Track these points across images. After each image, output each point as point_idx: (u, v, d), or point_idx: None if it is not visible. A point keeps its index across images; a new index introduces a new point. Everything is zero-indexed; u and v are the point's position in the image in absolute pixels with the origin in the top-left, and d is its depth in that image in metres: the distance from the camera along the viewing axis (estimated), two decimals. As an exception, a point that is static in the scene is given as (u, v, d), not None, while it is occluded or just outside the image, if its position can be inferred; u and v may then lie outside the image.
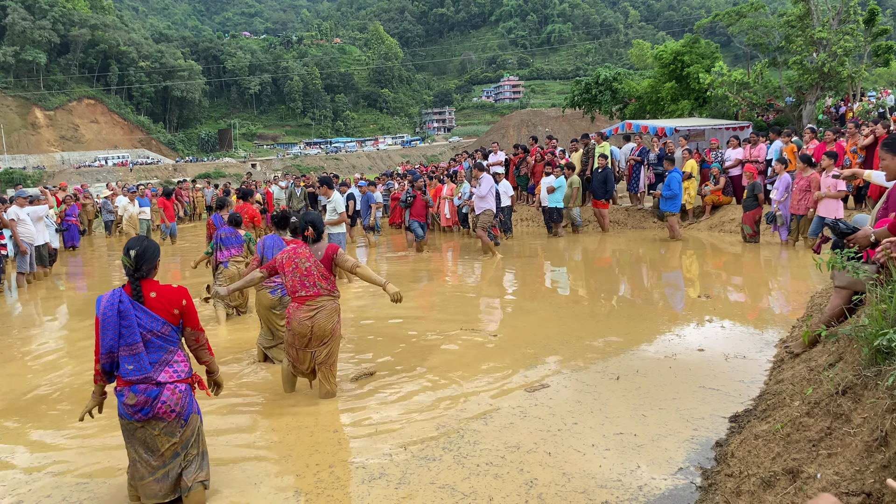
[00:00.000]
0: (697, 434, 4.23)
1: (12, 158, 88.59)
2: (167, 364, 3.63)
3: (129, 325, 3.54)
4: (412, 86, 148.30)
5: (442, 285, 10.31)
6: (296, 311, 5.17)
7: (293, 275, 5.19)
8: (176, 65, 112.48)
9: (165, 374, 3.61)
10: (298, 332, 5.15)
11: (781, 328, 6.45)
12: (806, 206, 10.76)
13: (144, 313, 3.58)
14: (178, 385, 3.64)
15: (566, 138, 21.12)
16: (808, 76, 20.67)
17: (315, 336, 5.16)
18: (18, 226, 11.88)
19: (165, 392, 3.59)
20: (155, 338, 3.60)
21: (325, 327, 5.16)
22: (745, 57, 29.57)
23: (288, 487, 3.88)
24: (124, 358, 3.56)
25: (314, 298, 5.17)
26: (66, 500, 3.92)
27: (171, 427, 3.64)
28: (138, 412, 3.56)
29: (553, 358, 6.02)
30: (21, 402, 5.76)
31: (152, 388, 3.57)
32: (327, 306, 5.21)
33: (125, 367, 3.56)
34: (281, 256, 5.30)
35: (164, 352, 3.63)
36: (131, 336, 3.54)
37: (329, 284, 5.24)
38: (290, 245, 5.45)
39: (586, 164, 15.66)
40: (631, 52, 34.01)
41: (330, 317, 5.21)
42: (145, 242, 3.71)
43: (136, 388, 3.55)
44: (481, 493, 3.64)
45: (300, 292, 5.18)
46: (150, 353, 3.59)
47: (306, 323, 5.12)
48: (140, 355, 3.55)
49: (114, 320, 3.55)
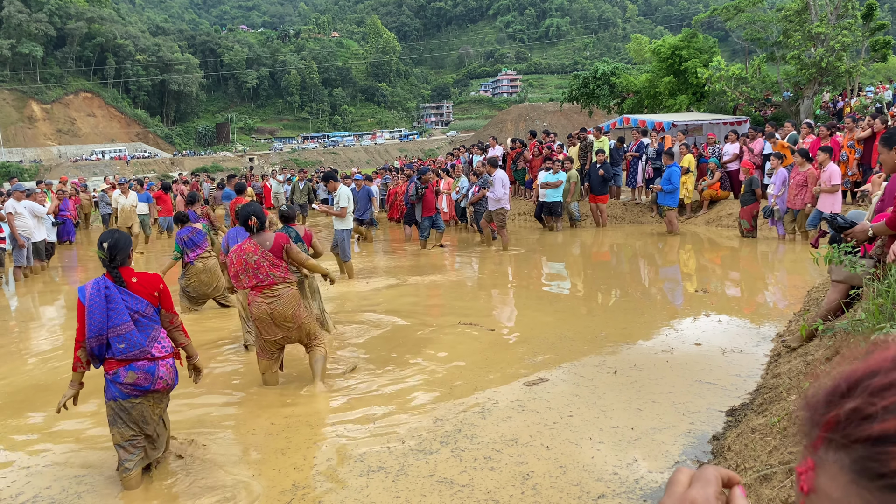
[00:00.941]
0: (694, 428, 4.24)
1: (9, 152, 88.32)
2: (155, 340, 3.91)
3: (116, 307, 3.78)
4: (410, 80, 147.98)
5: (440, 279, 10.31)
6: (254, 298, 5.33)
7: (245, 271, 5.30)
8: (173, 58, 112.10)
9: (156, 349, 3.89)
10: (259, 317, 5.31)
11: (778, 323, 6.47)
12: (803, 200, 10.77)
13: (129, 296, 3.85)
14: (168, 360, 3.95)
15: (564, 133, 21.10)
16: (805, 71, 20.69)
17: (275, 321, 5.30)
18: (16, 219, 11.86)
19: (161, 368, 3.88)
20: (141, 317, 3.87)
21: (284, 313, 5.30)
22: (743, 52, 29.58)
23: (286, 480, 3.89)
24: (114, 339, 3.77)
25: (270, 287, 5.29)
26: (64, 490, 3.93)
27: (161, 396, 4.00)
28: (137, 388, 3.81)
29: (551, 352, 6.02)
30: (19, 395, 5.76)
31: (149, 364, 3.83)
32: (284, 294, 5.32)
33: (117, 347, 3.77)
34: (230, 258, 5.44)
35: (151, 329, 3.91)
36: (119, 318, 3.78)
37: (282, 272, 5.34)
38: (238, 244, 5.51)
39: (584, 159, 15.66)
40: (629, 47, 33.96)
41: (288, 303, 5.32)
42: (116, 234, 3.94)
43: (133, 366, 3.79)
44: (479, 486, 3.66)
45: (254, 283, 5.31)
46: (141, 331, 3.85)
47: (265, 309, 5.28)
48: (131, 333, 3.80)
49: (101, 305, 3.76)
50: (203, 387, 5.63)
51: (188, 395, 5.37)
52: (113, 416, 3.85)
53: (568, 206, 14.87)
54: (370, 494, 3.65)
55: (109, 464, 4.24)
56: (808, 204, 10.71)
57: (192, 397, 5.38)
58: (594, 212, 14.85)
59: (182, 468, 4.14)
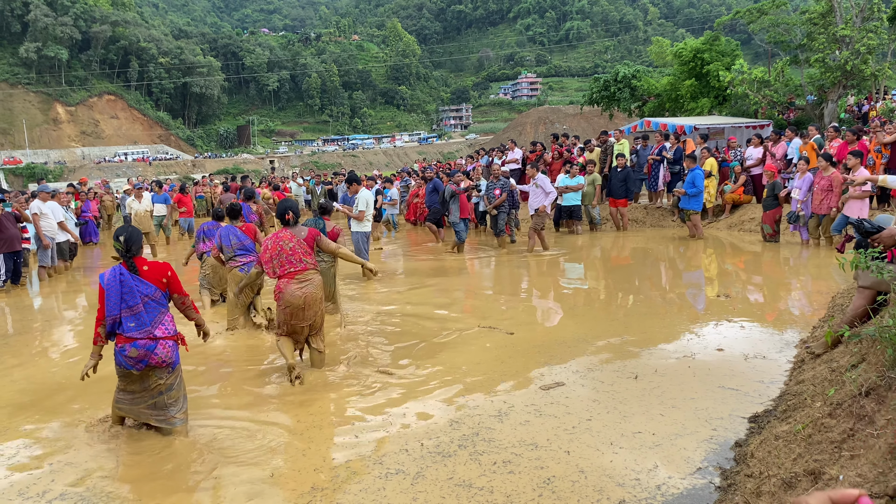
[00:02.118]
0: (716, 434, 4.19)
1: (34, 153, 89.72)
2: (160, 322, 4.50)
3: (129, 291, 4.41)
4: (429, 83, 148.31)
5: (460, 282, 10.30)
6: (287, 285, 5.68)
7: (279, 256, 5.75)
8: (195, 61, 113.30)
9: (159, 330, 4.48)
10: (292, 303, 5.65)
11: (802, 329, 6.38)
12: (828, 205, 10.63)
13: (141, 282, 4.46)
14: (168, 341, 4.52)
15: (584, 136, 21.03)
16: (830, 74, 20.42)
17: (307, 305, 5.69)
18: (41, 220, 12.03)
19: (159, 347, 4.47)
20: (150, 301, 4.47)
21: (316, 296, 5.75)
22: (765, 55, 29.28)
23: (305, 482, 3.89)
24: (126, 318, 4.40)
25: (302, 272, 5.74)
26: (90, 489, 3.96)
27: (161, 372, 4.55)
28: (139, 363, 4.44)
29: (570, 356, 5.98)
30: (42, 393, 5.82)
31: (150, 342, 4.43)
32: (315, 279, 5.79)
33: (127, 325, 4.40)
34: (266, 244, 5.91)
35: (157, 312, 4.50)
36: (133, 299, 4.41)
37: (312, 260, 5.85)
38: (275, 232, 5.99)
39: (604, 163, 15.58)
40: (650, 50, 33.74)
41: (319, 288, 5.80)
42: (130, 229, 4.54)
43: (136, 343, 4.41)
44: (498, 490, 3.63)
45: (288, 269, 5.72)
46: (149, 313, 4.46)
47: (298, 294, 5.65)
48: (140, 314, 4.42)
49: (116, 289, 4.41)
50: (225, 387, 5.67)
51: (211, 395, 5.40)
52: (121, 378, 4.57)
53: (589, 209, 14.80)
54: (388, 497, 3.64)
55: (138, 463, 4.28)
56: (833, 209, 10.55)
57: (214, 398, 5.41)
58: (614, 216, 14.75)
59: (202, 466, 4.16)
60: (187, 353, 5.39)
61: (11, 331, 8.73)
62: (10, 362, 6.90)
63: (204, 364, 6.45)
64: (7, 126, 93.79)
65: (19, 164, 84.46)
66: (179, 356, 4.68)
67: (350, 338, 7.06)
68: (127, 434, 4.75)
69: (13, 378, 6.33)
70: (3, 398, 5.75)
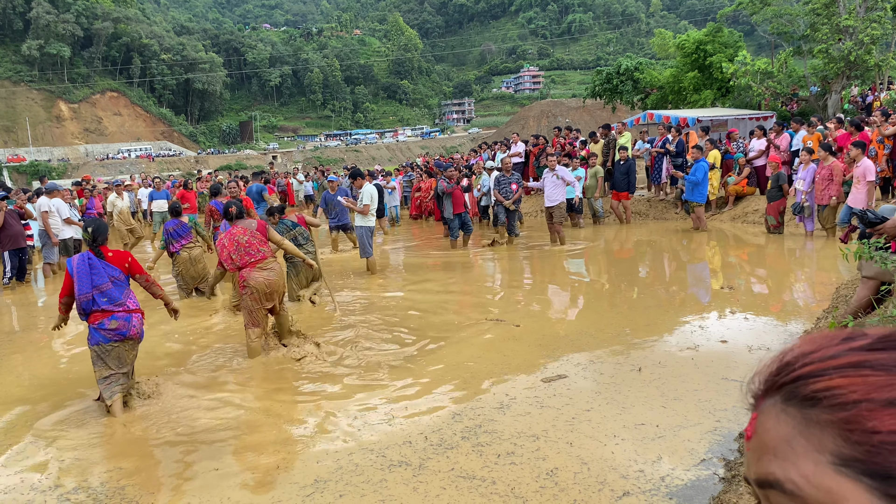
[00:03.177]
0: (720, 425, 4.19)
1: (37, 151, 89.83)
2: (128, 297, 5.16)
3: (98, 273, 5.05)
4: (431, 77, 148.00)
5: (465, 276, 10.30)
6: (250, 273, 6.14)
7: (237, 251, 6.18)
8: (197, 57, 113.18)
9: (130, 303, 5.13)
10: (257, 289, 6.12)
11: (806, 320, 6.37)
12: (829, 195, 10.60)
13: (107, 265, 5.11)
14: (138, 314, 5.18)
15: (587, 129, 20.96)
16: (833, 65, 20.31)
17: (271, 289, 6.17)
18: (49, 217, 12.08)
19: (134, 319, 5.11)
20: (116, 280, 5.11)
21: (278, 282, 6.25)
22: (769, 46, 29.15)
23: (309, 475, 3.90)
24: (97, 296, 5.01)
25: (262, 261, 6.21)
26: (104, 484, 3.98)
27: (134, 344, 5.17)
28: (118, 334, 5.01)
29: (573, 348, 5.98)
30: (47, 389, 5.85)
31: (126, 314, 5.05)
32: (276, 267, 6.29)
33: (101, 301, 5.00)
34: (221, 242, 6.31)
35: (122, 290, 5.14)
36: (101, 280, 5.04)
37: (269, 248, 6.31)
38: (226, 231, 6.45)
39: (607, 156, 15.54)
40: (653, 42, 33.59)
41: (280, 274, 6.32)
42: (97, 221, 5.20)
43: (115, 315, 5.01)
44: (501, 481, 3.64)
45: (248, 260, 6.18)
46: (116, 290, 5.09)
47: (262, 281, 6.13)
48: (109, 291, 5.04)
49: (86, 271, 5.02)
50: (228, 381, 5.69)
51: (217, 388, 5.41)
52: (95, 358, 5.02)
53: (592, 202, 14.76)
54: (391, 488, 3.65)
55: (158, 458, 4.29)
56: (833, 198, 10.53)
57: (217, 391, 5.43)
58: (616, 209, 14.71)
59: (207, 457, 4.18)
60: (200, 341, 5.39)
61: (17, 327, 8.77)
62: (16, 359, 6.93)
63: (207, 350, 6.47)
64: (10, 124, 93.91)
65: (23, 162, 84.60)
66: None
67: (354, 331, 7.07)
68: (139, 427, 4.77)
69: (19, 374, 6.36)
70: (9, 394, 5.78)
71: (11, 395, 5.75)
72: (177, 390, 5.57)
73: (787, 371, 0.62)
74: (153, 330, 7.83)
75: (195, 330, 7.72)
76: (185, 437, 4.59)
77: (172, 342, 7.19)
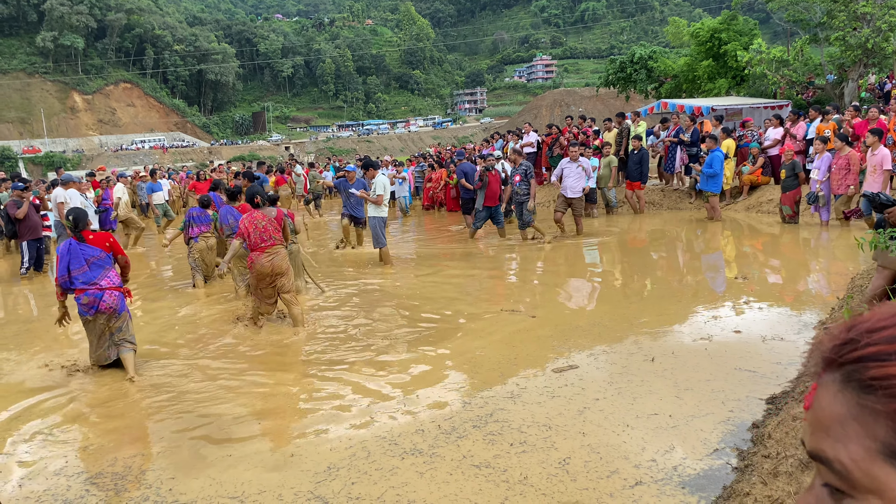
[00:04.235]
0: (733, 415, 4.17)
1: (52, 142, 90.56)
2: (105, 276, 5.84)
3: (76, 256, 5.78)
4: (443, 67, 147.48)
5: (478, 266, 10.29)
6: (258, 257, 6.89)
7: (254, 233, 6.94)
8: (210, 48, 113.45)
9: (105, 281, 5.81)
10: (261, 272, 6.87)
11: (821, 310, 6.32)
12: (846, 184, 10.50)
13: (87, 248, 5.84)
14: (114, 291, 5.85)
15: (601, 118, 20.83)
16: (850, 53, 20.04)
17: (275, 273, 6.90)
18: (66, 208, 12.18)
19: (106, 295, 5.78)
20: (95, 261, 5.82)
21: (281, 266, 6.96)
22: (784, 34, 28.85)
23: (322, 461, 3.93)
24: (76, 276, 5.76)
25: (271, 247, 6.95)
26: (129, 468, 4.03)
27: (110, 317, 5.84)
28: (91, 309, 5.75)
29: (586, 339, 5.98)
30: (66, 379, 5.92)
31: (97, 291, 5.75)
32: (281, 252, 7.02)
33: (77, 280, 5.76)
34: (242, 223, 7.06)
35: (101, 269, 5.84)
36: (78, 262, 5.76)
37: (280, 237, 7.06)
38: (248, 213, 7.20)
39: (620, 144, 15.46)
40: (667, 30, 33.32)
41: (284, 259, 7.02)
42: (77, 210, 5.95)
43: (88, 292, 5.73)
44: (513, 470, 3.65)
45: (260, 244, 6.92)
46: (93, 270, 5.80)
47: (266, 264, 6.86)
48: (85, 273, 5.76)
49: (65, 256, 5.76)
50: (245, 367, 5.73)
51: (233, 374, 5.46)
52: (85, 328, 5.94)
53: (605, 192, 14.70)
54: (403, 476, 3.67)
55: (175, 443, 4.34)
56: (851, 187, 10.43)
57: (233, 378, 5.48)
58: (630, 198, 14.64)
59: (222, 442, 4.22)
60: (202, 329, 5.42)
61: (36, 313, 8.89)
62: (34, 347, 7.01)
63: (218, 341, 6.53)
64: (26, 115, 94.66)
65: (38, 153, 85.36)
66: (126, 305, 6.00)
67: (367, 320, 7.10)
68: (157, 413, 4.82)
69: (36, 363, 6.44)
70: (27, 384, 5.86)
71: (28, 383, 5.83)
72: (194, 374, 5.64)
73: (851, 348, 0.63)
74: (168, 313, 7.89)
75: (210, 315, 7.79)
76: (201, 422, 4.63)
77: (188, 325, 7.26)
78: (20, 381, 5.92)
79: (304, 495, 3.58)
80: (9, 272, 12.45)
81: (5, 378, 6.04)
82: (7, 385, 5.84)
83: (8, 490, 3.88)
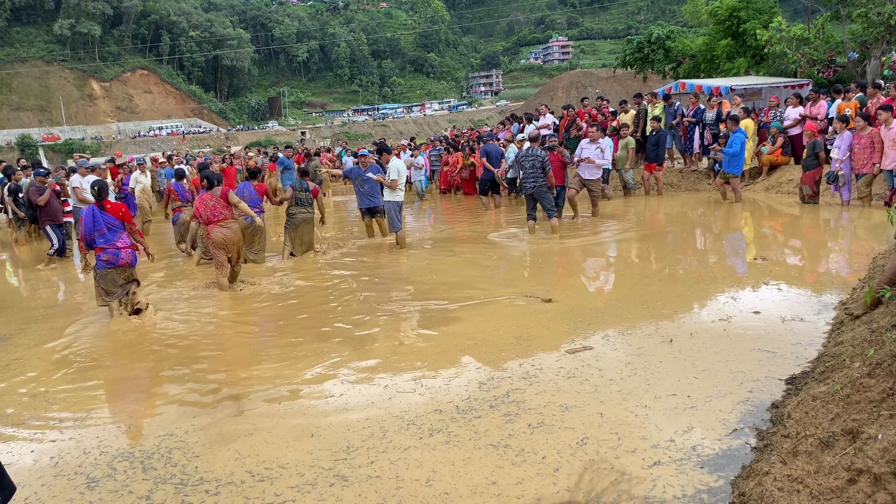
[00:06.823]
0: (752, 396, 4.16)
1: (71, 130, 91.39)
2: (119, 239, 7.11)
3: (97, 221, 7.02)
4: (459, 49, 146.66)
5: (494, 250, 10.28)
6: (212, 230, 8.10)
7: (206, 211, 8.14)
8: (225, 34, 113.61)
9: (120, 242, 7.11)
10: (216, 241, 8.07)
11: (841, 290, 6.26)
12: (871, 163, 10.36)
13: (106, 215, 7.06)
14: (128, 248, 7.16)
15: (617, 99, 20.62)
16: (873, 30, 19.65)
17: (228, 243, 8.09)
18: (82, 194, 12.30)
19: (122, 252, 7.10)
20: (111, 226, 7.07)
21: (234, 238, 8.15)
22: (805, 11, 28.34)
23: (339, 440, 3.97)
24: (97, 237, 7.03)
25: (223, 221, 8.14)
26: (158, 448, 4.09)
27: (126, 270, 7.17)
28: (109, 264, 7.04)
29: (603, 320, 5.97)
30: (92, 359, 6.01)
31: (115, 250, 7.06)
32: (233, 226, 8.20)
33: (99, 241, 7.03)
34: (196, 204, 8.30)
35: (117, 233, 7.12)
36: (98, 226, 7.01)
37: (229, 211, 8.19)
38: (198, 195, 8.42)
39: (637, 126, 15.32)
40: (684, 9, 32.80)
41: (236, 232, 8.21)
42: (101, 182, 7.14)
43: (108, 251, 7.04)
44: (531, 451, 3.66)
45: (213, 219, 8.12)
46: (111, 233, 7.07)
47: (220, 235, 8.06)
48: (105, 234, 7.04)
49: (90, 219, 7.00)
50: (266, 348, 5.78)
51: (254, 356, 5.51)
52: (98, 278, 7.10)
53: (622, 174, 14.59)
54: (421, 456, 3.70)
55: (197, 423, 4.41)
56: (876, 165, 10.30)
57: (254, 360, 5.53)
58: (647, 181, 14.51)
59: (242, 422, 4.27)
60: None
61: (62, 297, 9.02)
62: (55, 325, 7.13)
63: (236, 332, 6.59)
64: (45, 103, 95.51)
65: (57, 141, 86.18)
66: (137, 258, 7.35)
67: (384, 303, 7.13)
68: (179, 395, 4.89)
69: (57, 346, 6.54)
70: (52, 368, 5.95)
71: (55, 368, 5.93)
72: (216, 356, 5.70)
73: None
74: (208, 301, 7.98)
75: (235, 296, 7.87)
76: (222, 402, 4.69)
77: (201, 306, 7.34)
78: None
79: (325, 473, 3.62)
80: (33, 258, 12.62)
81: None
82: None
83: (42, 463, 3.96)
